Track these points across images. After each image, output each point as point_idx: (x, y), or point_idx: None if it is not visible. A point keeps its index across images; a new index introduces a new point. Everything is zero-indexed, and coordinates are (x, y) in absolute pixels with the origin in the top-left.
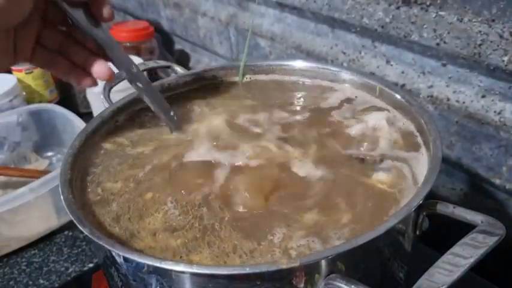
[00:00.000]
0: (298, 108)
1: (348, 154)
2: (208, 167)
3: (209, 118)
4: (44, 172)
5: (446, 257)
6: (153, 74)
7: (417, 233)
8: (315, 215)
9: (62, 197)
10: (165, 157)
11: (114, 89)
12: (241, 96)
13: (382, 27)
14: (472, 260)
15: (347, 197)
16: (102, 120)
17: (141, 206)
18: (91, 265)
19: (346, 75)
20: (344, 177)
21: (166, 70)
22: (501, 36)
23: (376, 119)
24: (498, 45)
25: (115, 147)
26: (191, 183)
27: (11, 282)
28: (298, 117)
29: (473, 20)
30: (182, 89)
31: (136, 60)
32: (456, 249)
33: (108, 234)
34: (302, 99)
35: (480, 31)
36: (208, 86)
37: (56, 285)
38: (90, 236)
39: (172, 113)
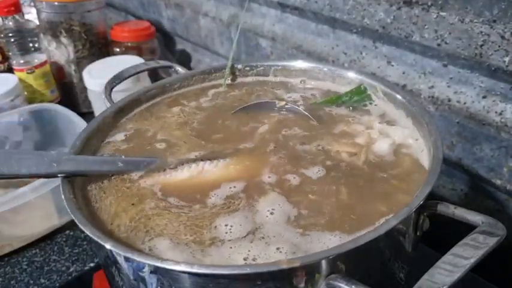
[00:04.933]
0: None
1: None
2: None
3: None
4: None
5: (447, 257)
6: (154, 74)
7: (418, 233)
8: None
9: (63, 197)
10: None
11: (116, 88)
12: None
13: (383, 27)
14: (472, 261)
15: None
16: (103, 120)
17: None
18: (92, 264)
19: (347, 75)
20: None
21: (167, 70)
22: (502, 37)
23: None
24: (499, 46)
25: (116, 147)
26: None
27: (12, 282)
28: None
29: (475, 21)
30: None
31: (138, 60)
32: (457, 249)
33: (109, 234)
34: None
35: (481, 32)
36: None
37: (57, 284)
38: (91, 236)
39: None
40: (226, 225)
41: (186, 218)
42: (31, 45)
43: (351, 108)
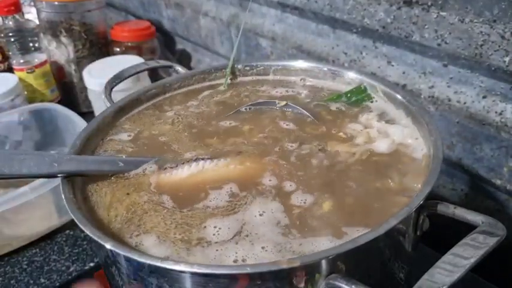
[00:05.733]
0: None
1: None
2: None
3: None
4: None
5: (447, 257)
6: (154, 74)
7: (418, 233)
8: None
9: (63, 196)
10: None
11: (116, 88)
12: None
13: (383, 27)
14: (472, 261)
15: None
16: (103, 119)
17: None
18: (92, 264)
19: (347, 75)
20: None
21: (167, 70)
22: (502, 37)
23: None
24: (499, 46)
25: (116, 147)
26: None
27: (12, 281)
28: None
29: (475, 21)
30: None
31: (138, 60)
32: (457, 249)
33: (109, 234)
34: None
35: (481, 32)
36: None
37: (57, 284)
38: (91, 236)
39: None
40: (215, 227)
41: (179, 216)
42: (31, 44)
43: (350, 107)
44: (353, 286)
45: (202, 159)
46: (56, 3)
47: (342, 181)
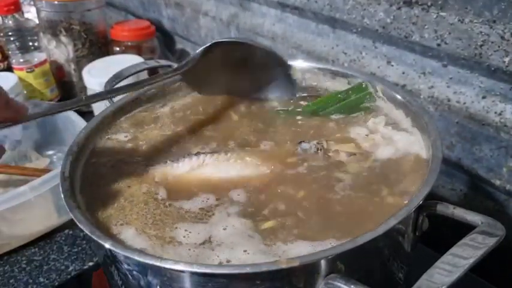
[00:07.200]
0: None
1: None
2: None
3: None
4: (45, 170)
5: (446, 257)
6: (154, 73)
7: (417, 233)
8: None
9: (62, 196)
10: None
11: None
12: None
13: (383, 27)
14: (471, 261)
15: None
16: (103, 119)
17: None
18: (91, 264)
19: (346, 75)
20: None
21: (167, 69)
22: (502, 37)
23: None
24: (499, 46)
25: (115, 146)
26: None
27: (11, 281)
28: None
29: (474, 21)
30: None
31: (137, 59)
32: (456, 249)
33: (108, 233)
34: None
35: (481, 32)
36: None
37: (56, 283)
38: (90, 235)
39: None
40: (185, 230)
41: (159, 211)
42: (31, 44)
43: (350, 108)
44: (352, 286)
45: (203, 153)
46: (56, 2)
47: (340, 183)
